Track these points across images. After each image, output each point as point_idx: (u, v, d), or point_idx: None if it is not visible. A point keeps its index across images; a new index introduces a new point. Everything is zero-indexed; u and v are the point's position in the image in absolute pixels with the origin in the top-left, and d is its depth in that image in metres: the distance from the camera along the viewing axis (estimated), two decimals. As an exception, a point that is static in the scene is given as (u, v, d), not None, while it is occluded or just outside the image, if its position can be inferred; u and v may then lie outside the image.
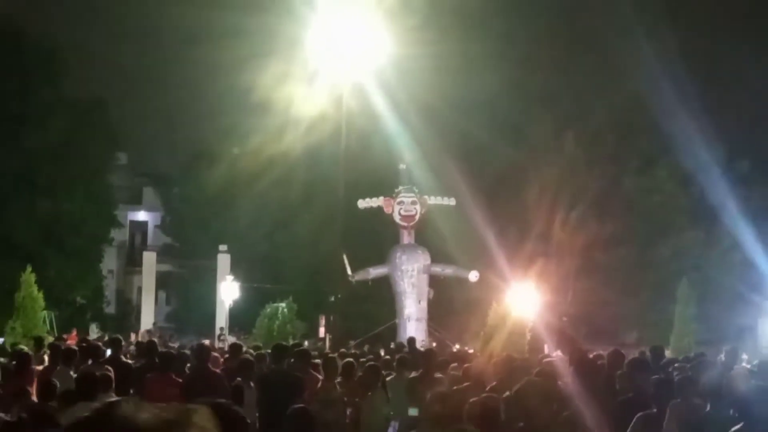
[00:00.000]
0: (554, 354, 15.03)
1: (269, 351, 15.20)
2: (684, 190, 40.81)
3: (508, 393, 9.87)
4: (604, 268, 38.84)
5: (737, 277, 38.02)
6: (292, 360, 13.79)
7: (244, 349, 17.34)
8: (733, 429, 8.90)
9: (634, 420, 9.03)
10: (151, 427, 1.21)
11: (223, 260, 41.54)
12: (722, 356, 19.09)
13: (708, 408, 9.30)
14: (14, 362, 14.30)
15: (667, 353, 20.55)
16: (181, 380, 12.12)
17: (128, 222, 59.51)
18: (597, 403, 8.97)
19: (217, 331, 37.33)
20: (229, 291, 41.35)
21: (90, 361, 13.25)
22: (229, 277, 41.65)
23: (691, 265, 39.43)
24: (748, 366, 17.69)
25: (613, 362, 12.32)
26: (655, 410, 9.20)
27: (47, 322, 37.14)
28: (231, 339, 31.39)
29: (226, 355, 17.17)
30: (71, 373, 11.93)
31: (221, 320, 39.87)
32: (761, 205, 38.19)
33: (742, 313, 36.82)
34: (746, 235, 35.88)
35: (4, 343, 26.20)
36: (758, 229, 35.60)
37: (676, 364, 15.88)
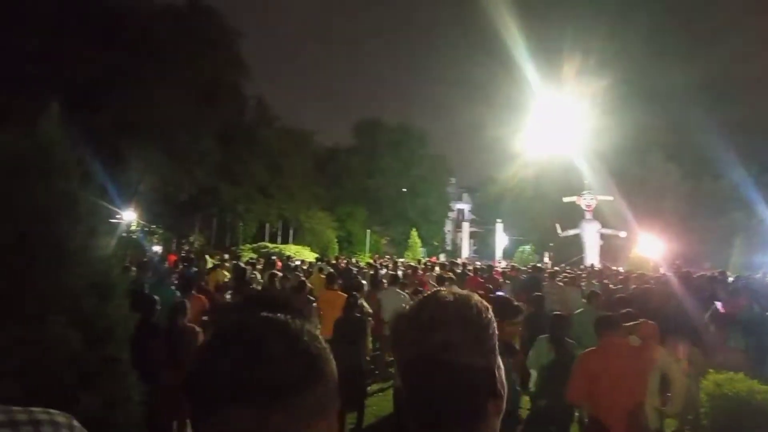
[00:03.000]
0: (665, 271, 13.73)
1: (523, 268, 14.90)
2: (735, 192, 36.19)
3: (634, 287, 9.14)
4: (694, 231, 35.12)
5: (763, 236, 33.23)
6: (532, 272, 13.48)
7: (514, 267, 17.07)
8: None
9: (712, 307, 8.06)
10: (450, 299, 1.15)
11: (499, 226, 40.94)
12: (759, 275, 16.91)
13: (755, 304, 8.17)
14: (408, 270, 14.73)
15: (728, 273, 18.25)
16: (482, 281, 12.07)
17: (456, 209, 60.05)
18: (691, 296, 8.07)
19: (496, 259, 36.89)
20: (501, 240, 40.75)
21: (440, 270, 13.45)
22: (502, 234, 41.04)
23: (740, 230, 35.01)
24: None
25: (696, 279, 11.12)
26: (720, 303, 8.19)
27: (422, 253, 38.07)
28: (504, 263, 30.95)
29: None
30: (433, 275, 12.11)
31: (498, 254, 39.36)
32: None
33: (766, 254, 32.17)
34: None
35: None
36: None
37: (731, 279, 14.12)
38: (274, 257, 19.70)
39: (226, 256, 15.74)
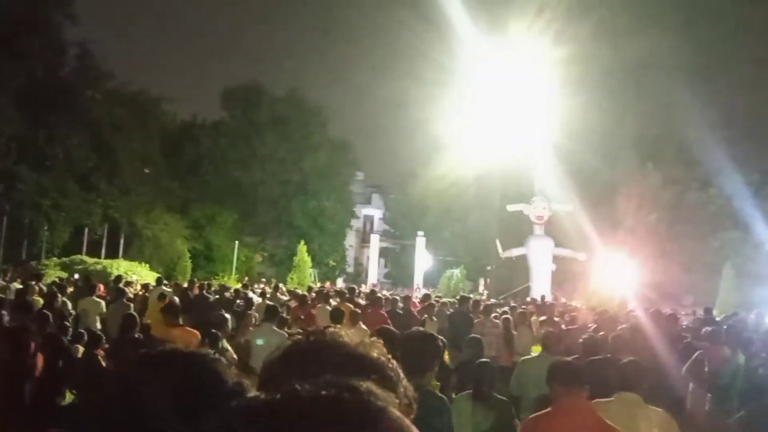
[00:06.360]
0: (634, 309, 14.58)
1: (451, 300, 15.31)
2: (729, 204, 38.93)
3: (602, 333, 9.56)
4: (673, 254, 37.39)
5: (763, 262, 35.85)
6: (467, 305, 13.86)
7: (432, 298, 17.40)
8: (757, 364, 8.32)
9: (695, 355, 8.54)
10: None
11: (420, 242, 41.57)
12: (752, 316, 18.25)
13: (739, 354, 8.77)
14: (292, 300, 14.71)
15: (714, 312, 19.60)
16: (385, 314, 12.31)
17: (362, 215, 60.44)
18: (669, 343, 8.51)
19: (415, 286, 37.43)
20: (423, 261, 41.45)
21: (338, 301, 13.52)
22: (424, 252, 41.75)
23: (732, 254, 37.67)
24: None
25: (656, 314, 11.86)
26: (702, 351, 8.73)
27: (312, 276, 38.09)
28: (423, 291, 31.39)
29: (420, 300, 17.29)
30: (327, 308, 12.16)
31: (418, 279, 39.95)
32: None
33: (765, 288, 34.59)
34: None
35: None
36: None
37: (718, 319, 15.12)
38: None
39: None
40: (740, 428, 6.86)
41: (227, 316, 9.80)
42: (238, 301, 15.12)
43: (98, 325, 11.46)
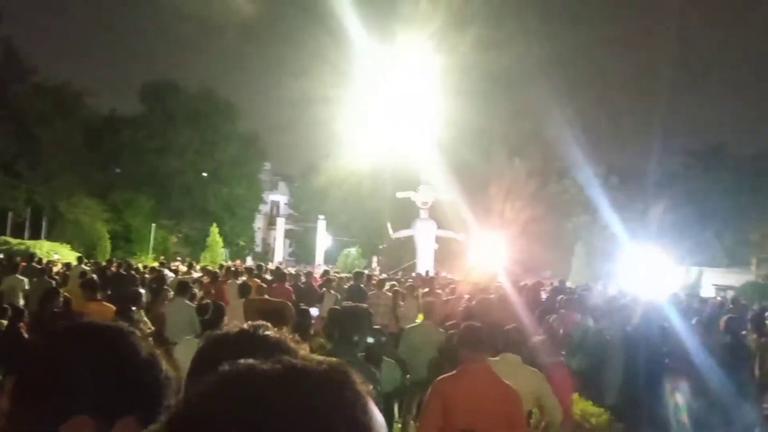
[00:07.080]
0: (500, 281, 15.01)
1: (348, 275, 15.30)
2: (581, 193, 40.58)
3: (473, 302, 9.81)
4: (535, 234, 38.66)
5: (608, 242, 37.52)
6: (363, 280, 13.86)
7: (330, 273, 17.36)
8: (602, 327, 8.73)
9: (551, 319, 8.88)
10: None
11: (321, 224, 41.44)
12: (599, 287, 19.06)
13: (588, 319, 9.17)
14: (204, 276, 14.38)
15: (568, 284, 20.31)
16: (291, 288, 12.22)
17: (270, 200, 59.81)
18: (527, 308, 8.82)
19: (316, 263, 37.34)
20: (323, 241, 41.36)
21: (246, 277, 13.32)
22: (324, 234, 41.65)
23: (583, 235, 39.33)
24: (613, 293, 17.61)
25: (536, 286, 12.25)
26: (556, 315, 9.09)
27: (223, 255, 37.43)
28: (323, 267, 31.32)
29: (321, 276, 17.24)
30: (237, 282, 11.95)
31: (319, 258, 39.85)
32: (623, 203, 38.22)
33: (609, 263, 36.28)
34: (613, 218, 35.74)
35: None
36: (620, 215, 35.48)
37: (571, 288, 15.74)
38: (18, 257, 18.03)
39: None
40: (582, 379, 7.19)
41: (141, 291, 9.53)
42: (154, 276, 14.74)
43: (21, 301, 10.98)
